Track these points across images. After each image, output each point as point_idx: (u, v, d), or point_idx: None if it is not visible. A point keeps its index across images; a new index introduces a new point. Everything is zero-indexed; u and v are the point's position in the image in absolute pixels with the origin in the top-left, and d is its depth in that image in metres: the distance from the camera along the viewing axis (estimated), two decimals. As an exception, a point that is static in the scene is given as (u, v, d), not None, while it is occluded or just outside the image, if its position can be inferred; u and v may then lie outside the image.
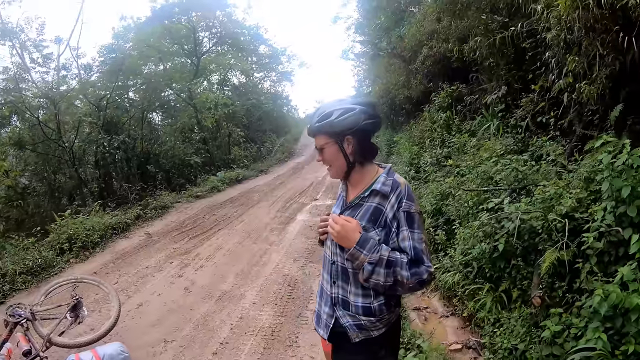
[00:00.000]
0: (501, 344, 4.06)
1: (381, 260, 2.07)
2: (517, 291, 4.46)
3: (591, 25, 4.84)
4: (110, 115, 16.27)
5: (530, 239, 4.50)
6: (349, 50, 28.73)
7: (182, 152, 18.90)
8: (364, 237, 2.11)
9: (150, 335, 5.26)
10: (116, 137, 15.41)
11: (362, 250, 2.09)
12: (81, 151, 16.09)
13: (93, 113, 15.76)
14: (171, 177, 17.72)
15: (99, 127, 15.32)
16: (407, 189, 2.18)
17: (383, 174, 2.23)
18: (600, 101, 5.31)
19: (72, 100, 15.81)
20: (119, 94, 16.72)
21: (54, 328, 4.49)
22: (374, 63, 22.09)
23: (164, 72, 19.32)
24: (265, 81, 35.43)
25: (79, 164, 15.57)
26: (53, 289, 5.13)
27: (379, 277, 2.09)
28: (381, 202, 2.18)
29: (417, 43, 13.61)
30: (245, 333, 5.22)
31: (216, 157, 21.54)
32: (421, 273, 2.08)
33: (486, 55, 8.59)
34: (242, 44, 27.90)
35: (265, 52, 31.82)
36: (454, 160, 8.18)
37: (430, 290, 6.16)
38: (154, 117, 21.06)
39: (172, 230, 10.21)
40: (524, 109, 7.46)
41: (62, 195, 15.76)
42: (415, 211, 2.15)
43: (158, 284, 6.93)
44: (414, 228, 2.13)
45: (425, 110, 13.00)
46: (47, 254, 8.07)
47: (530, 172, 5.69)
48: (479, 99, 9.86)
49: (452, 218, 6.74)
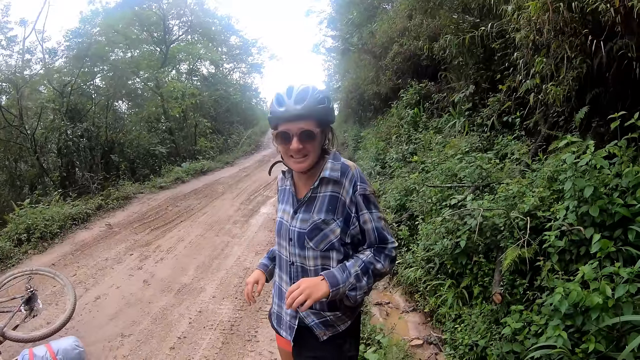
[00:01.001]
0: (462, 340, 4.08)
1: (356, 277, 2.05)
2: (479, 288, 4.49)
3: (560, 28, 4.87)
4: (75, 102, 15.86)
5: (492, 236, 4.54)
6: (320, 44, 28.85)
7: (147, 141, 18.62)
8: (329, 278, 2.02)
9: (107, 329, 5.14)
10: (80, 125, 15.04)
11: (339, 286, 2.01)
12: (43, 138, 15.64)
13: (57, 99, 15.31)
14: (135, 167, 17.40)
15: (63, 114, 14.89)
16: (358, 172, 2.15)
17: (330, 160, 2.15)
18: (566, 103, 5.37)
19: (36, 86, 15.42)
20: (84, 81, 16.28)
21: (7, 322, 4.41)
22: (345, 58, 22.12)
23: (132, 59, 18.87)
24: (235, 72, 35.24)
25: (41, 152, 15.15)
26: (7, 281, 5.01)
27: (364, 288, 2.09)
28: (335, 189, 2.12)
29: (388, 40, 13.66)
30: (204, 327, 5.14)
31: (182, 147, 21.27)
32: (390, 253, 2.15)
33: (456, 54, 8.65)
34: (213, 33, 27.70)
35: (236, 43, 31.67)
36: (420, 157, 8.23)
37: (393, 285, 6.19)
38: (120, 105, 20.64)
39: (133, 222, 10.01)
40: (490, 108, 7.52)
41: (23, 184, 15.33)
42: (370, 192, 2.15)
43: (117, 276, 6.78)
44: (372, 209, 2.13)
45: (394, 106, 13.02)
46: (4, 245, 7.82)
47: (494, 170, 5.76)
48: (446, 97, 9.91)
49: (415, 214, 6.76)
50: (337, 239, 2.10)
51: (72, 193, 12.17)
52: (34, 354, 4.00)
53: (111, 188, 12.65)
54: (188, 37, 26.82)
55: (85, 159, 16.08)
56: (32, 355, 4.00)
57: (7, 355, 4.33)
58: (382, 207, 8.38)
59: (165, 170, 16.74)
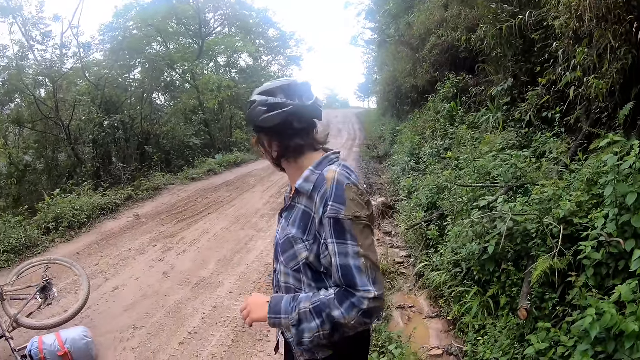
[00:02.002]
0: (483, 355, 3.79)
1: (304, 314, 1.68)
2: (506, 298, 4.16)
3: (603, 15, 4.51)
4: (110, 95, 16.09)
5: (524, 243, 4.18)
6: (359, 36, 28.64)
7: (183, 133, 18.72)
8: (273, 302, 1.77)
9: (121, 320, 5.13)
10: (115, 117, 15.22)
11: (279, 316, 1.74)
12: (78, 130, 15.92)
13: (92, 92, 15.58)
14: (171, 158, 17.53)
15: (97, 106, 15.15)
16: (335, 187, 1.68)
17: (310, 168, 1.81)
18: (610, 98, 4.98)
19: (72, 79, 15.72)
20: (120, 74, 16.48)
21: (21, 309, 4.49)
22: (382, 50, 21.86)
23: (167, 53, 18.98)
24: (273, 65, 35.15)
25: (76, 143, 15.43)
26: (25, 270, 5.09)
27: (313, 332, 1.67)
28: (308, 205, 1.78)
29: (426, 31, 13.38)
30: (216, 323, 5.04)
31: (217, 139, 21.35)
32: (358, 304, 1.59)
33: (494, 46, 8.27)
34: (250, 26, 27.69)
35: (274, 35, 31.63)
36: (453, 153, 7.90)
37: (418, 288, 5.93)
38: (159, 97, 20.86)
39: (161, 213, 10.01)
40: (529, 102, 7.12)
41: (60, 174, 15.68)
42: (347, 217, 1.63)
43: (138, 267, 6.76)
44: (346, 239, 1.63)
45: (430, 100, 12.67)
46: (33, 233, 7.93)
47: (530, 169, 5.37)
48: (484, 91, 9.53)
49: (446, 213, 6.44)
50: (303, 262, 1.78)
51: (104, 183, 12.30)
52: (43, 342, 4.08)
53: (142, 179, 12.72)
54: (225, 30, 26.85)
55: (120, 150, 16.28)
56: (41, 343, 4.06)
57: (21, 341, 4.35)
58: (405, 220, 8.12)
59: (199, 162, 16.79)
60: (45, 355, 4.00)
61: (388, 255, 6.88)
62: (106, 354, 4.43)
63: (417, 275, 6.19)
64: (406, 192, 9.52)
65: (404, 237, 7.75)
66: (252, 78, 28.00)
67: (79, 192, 10.51)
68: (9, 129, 15.14)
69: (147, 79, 17.34)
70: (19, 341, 4.34)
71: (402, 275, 6.44)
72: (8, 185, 13.92)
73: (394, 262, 6.77)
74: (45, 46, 14.97)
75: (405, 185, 9.80)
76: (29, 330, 4.53)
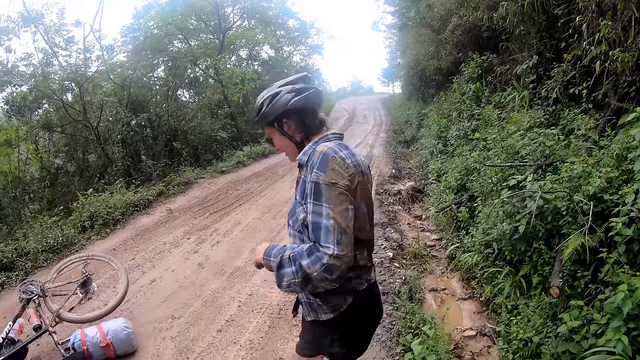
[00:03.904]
0: (516, 334, 3.79)
1: (286, 260, 1.96)
2: (538, 277, 4.14)
3: (627, -14, 4.42)
4: (135, 94, 16.33)
5: (554, 221, 4.14)
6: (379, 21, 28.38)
7: (210, 127, 18.87)
8: (269, 247, 2.09)
9: (159, 311, 5.26)
10: (142, 116, 15.48)
11: (269, 258, 2.04)
12: (106, 130, 16.22)
13: (118, 92, 15.86)
14: (199, 153, 17.69)
15: (124, 106, 15.39)
16: (321, 157, 1.95)
17: (309, 144, 2.12)
18: (637, 71, 4.90)
19: (98, 81, 15.99)
20: (144, 73, 16.69)
21: (63, 304, 4.59)
22: (403, 34, 21.64)
23: (189, 49, 19.12)
24: (295, 55, 35.11)
25: (106, 143, 15.71)
26: (65, 266, 5.22)
27: (289, 277, 1.94)
28: (305, 174, 2.04)
29: (446, 12, 13.25)
30: (253, 310, 5.14)
31: (244, 132, 21.50)
32: (320, 258, 1.82)
33: (517, 23, 8.15)
34: (269, 17, 27.67)
35: (294, 25, 31.54)
36: (481, 134, 7.84)
37: (450, 270, 5.94)
38: (183, 93, 21.04)
39: (193, 206, 10.19)
40: (555, 79, 7.01)
41: (92, 174, 16.00)
42: (325, 182, 1.88)
43: (173, 259, 6.91)
44: (321, 201, 1.87)
45: (455, 81, 12.55)
46: (69, 232, 8.18)
47: (558, 147, 5.32)
48: (509, 70, 9.40)
49: (475, 195, 6.42)
50: (301, 222, 2.02)
51: (135, 181, 12.52)
52: (86, 334, 4.25)
53: (172, 174, 12.94)
54: (244, 23, 26.89)
55: (149, 147, 16.55)
56: (83, 335, 4.24)
57: (63, 335, 4.49)
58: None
59: (227, 154, 16.97)
60: (88, 347, 4.17)
61: (419, 238, 6.89)
62: (146, 343, 4.55)
63: (448, 258, 6.21)
64: (435, 175, 9.51)
65: (435, 220, 7.76)
66: (275, 69, 28.03)
67: (111, 191, 10.74)
68: (38, 134, 15.42)
69: (171, 76, 17.50)
70: (60, 335, 4.47)
71: (433, 258, 6.46)
72: (41, 189, 14.24)
73: (425, 245, 6.79)
74: (69, 51, 15.32)
75: (433, 168, 9.78)
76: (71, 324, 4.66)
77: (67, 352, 4.13)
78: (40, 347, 4.53)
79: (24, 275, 6.71)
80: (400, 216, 8.43)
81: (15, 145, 13.49)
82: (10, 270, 6.88)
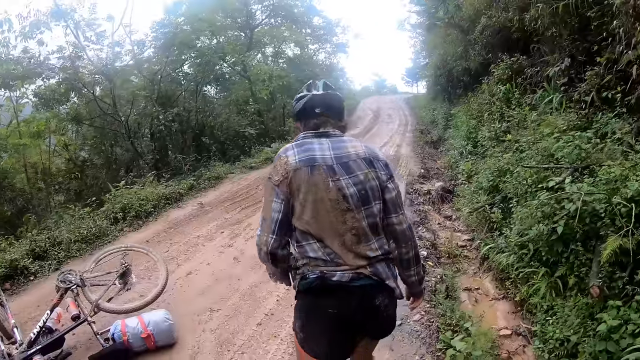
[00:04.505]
0: (553, 334, 3.84)
1: None
2: (574, 278, 4.17)
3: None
4: (165, 89, 16.55)
5: (592, 223, 4.16)
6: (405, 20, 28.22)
7: (237, 124, 18.98)
8: None
9: (197, 303, 5.33)
10: (171, 110, 15.66)
11: None
12: (136, 124, 16.47)
13: (147, 87, 16.03)
14: (226, 148, 17.83)
15: (154, 100, 15.57)
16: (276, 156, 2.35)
17: None
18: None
19: (127, 76, 16.16)
20: (172, 68, 16.88)
21: (102, 294, 4.60)
22: (431, 34, 21.47)
23: (217, 45, 19.30)
24: (320, 53, 35.02)
25: (135, 137, 15.93)
26: (103, 257, 5.25)
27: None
28: None
29: (476, 12, 13.13)
30: (291, 305, 5.08)
31: (271, 129, 21.57)
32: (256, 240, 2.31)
33: (548, 25, 8.11)
34: (296, 15, 27.64)
35: (319, 23, 31.44)
36: (513, 136, 7.84)
37: (483, 271, 5.98)
38: (209, 90, 21.20)
39: (224, 201, 10.33)
40: (588, 82, 6.99)
41: (119, 167, 16.26)
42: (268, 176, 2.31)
43: (208, 253, 7.02)
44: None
45: (484, 82, 12.51)
46: (102, 223, 8.35)
47: (593, 150, 5.33)
48: (540, 72, 9.35)
49: (509, 196, 6.43)
50: None
51: (165, 174, 12.73)
52: (126, 325, 4.25)
53: (202, 169, 13.11)
54: (271, 21, 26.97)
55: (177, 142, 16.80)
56: (124, 326, 4.24)
57: (99, 326, 4.53)
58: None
59: (255, 150, 17.12)
60: (128, 337, 4.17)
61: (452, 239, 6.93)
62: (185, 335, 4.59)
63: (481, 258, 6.25)
64: (465, 176, 9.52)
65: (466, 221, 7.78)
66: (300, 67, 28.10)
67: (142, 183, 10.93)
68: (67, 126, 15.72)
69: (199, 72, 17.67)
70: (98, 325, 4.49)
71: (465, 258, 6.49)
72: (67, 181, 14.55)
73: (457, 245, 6.82)
74: (101, 45, 15.50)
75: (464, 169, 9.80)
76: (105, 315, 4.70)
77: (107, 343, 4.16)
78: (77, 337, 4.58)
79: (57, 265, 6.87)
80: (430, 216, 8.45)
81: (45, 137, 13.78)
82: (43, 259, 7.02)
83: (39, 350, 3.93)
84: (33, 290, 6.13)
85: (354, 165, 2.22)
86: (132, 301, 5.00)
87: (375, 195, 2.23)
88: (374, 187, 2.23)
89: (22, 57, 13.40)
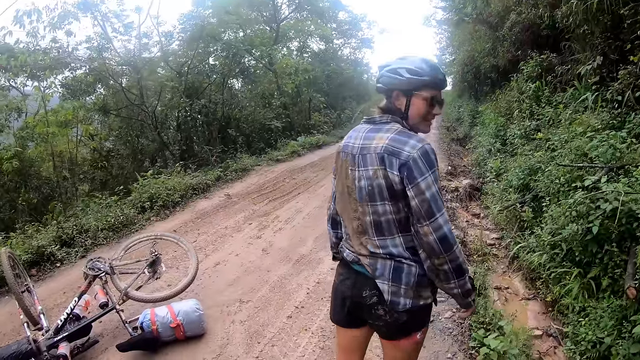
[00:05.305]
0: (585, 335, 3.79)
1: None
2: (608, 280, 4.10)
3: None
4: (192, 81, 16.62)
5: (628, 224, 4.09)
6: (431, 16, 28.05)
7: (263, 116, 19.11)
8: None
9: (226, 294, 5.36)
10: (197, 102, 15.78)
11: None
12: (163, 115, 16.65)
13: (175, 79, 16.17)
14: (251, 141, 17.94)
15: (181, 92, 15.69)
16: None
17: None
18: None
19: (154, 67, 16.29)
20: (199, 60, 16.97)
21: (131, 282, 4.66)
22: (458, 29, 21.29)
23: (244, 38, 19.36)
24: (345, 48, 34.96)
25: (161, 128, 16.08)
26: (133, 245, 5.31)
27: None
28: None
29: (504, 8, 12.96)
30: (322, 298, 5.18)
31: (296, 122, 21.69)
32: None
33: (580, 22, 7.98)
34: (321, 10, 27.67)
35: (345, 18, 31.42)
36: (544, 134, 7.75)
37: (512, 270, 5.92)
38: (235, 83, 21.28)
39: (251, 192, 10.43)
40: (621, 81, 6.87)
41: (144, 157, 16.42)
42: None
43: (236, 244, 7.07)
44: None
45: (513, 79, 12.37)
46: (129, 212, 8.44)
47: (628, 150, 5.25)
48: (570, 70, 9.21)
49: (540, 195, 6.35)
50: None
51: (191, 165, 12.82)
52: (156, 314, 4.24)
53: (229, 160, 13.23)
54: (297, 15, 27.00)
55: (203, 133, 16.96)
56: (153, 315, 4.24)
57: (128, 314, 4.59)
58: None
59: (281, 143, 17.28)
60: (157, 327, 4.15)
61: (481, 237, 6.89)
62: (214, 326, 4.61)
63: (510, 257, 6.18)
64: (494, 174, 9.44)
65: (494, 219, 7.70)
66: (326, 61, 28.11)
67: (170, 173, 11.06)
68: (94, 116, 15.87)
69: (225, 65, 17.76)
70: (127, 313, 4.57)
71: (494, 257, 6.43)
72: (92, 170, 14.70)
73: (485, 243, 6.77)
74: (129, 36, 15.63)
75: (492, 167, 9.70)
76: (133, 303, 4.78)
77: (135, 331, 4.17)
78: (103, 324, 4.63)
79: (84, 252, 6.95)
80: (458, 213, 8.40)
81: (73, 126, 13.97)
82: (70, 246, 7.10)
83: (66, 337, 3.96)
84: (59, 277, 6.20)
85: (369, 158, 2.13)
86: (160, 290, 5.07)
87: (383, 195, 2.09)
88: (381, 186, 2.08)
89: (50, 48, 13.53)
